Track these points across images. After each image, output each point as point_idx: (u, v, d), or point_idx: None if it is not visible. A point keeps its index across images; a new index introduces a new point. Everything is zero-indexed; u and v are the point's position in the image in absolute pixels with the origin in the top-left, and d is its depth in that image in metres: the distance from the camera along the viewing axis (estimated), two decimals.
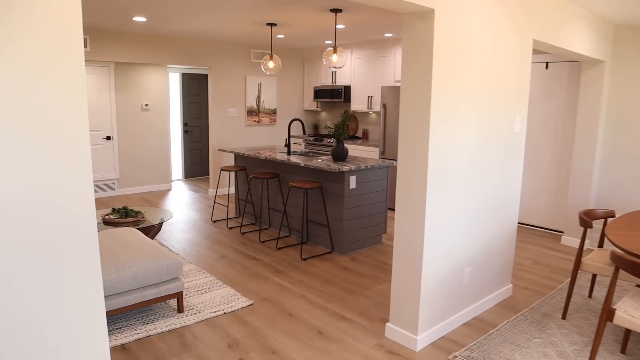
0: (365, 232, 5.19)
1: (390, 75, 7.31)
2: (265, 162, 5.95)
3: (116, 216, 4.96)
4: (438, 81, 2.84)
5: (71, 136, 1.54)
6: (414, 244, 3.04)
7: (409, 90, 2.94)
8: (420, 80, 2.85)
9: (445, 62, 2.86)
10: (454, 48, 2.91)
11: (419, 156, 2.93)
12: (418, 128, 2.91)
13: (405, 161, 3.03)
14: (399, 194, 3.09)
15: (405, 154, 3.02)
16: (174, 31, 6.70)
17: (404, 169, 3.04)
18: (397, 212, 3.13)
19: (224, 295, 3.91)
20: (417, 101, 2.89)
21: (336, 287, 4.15)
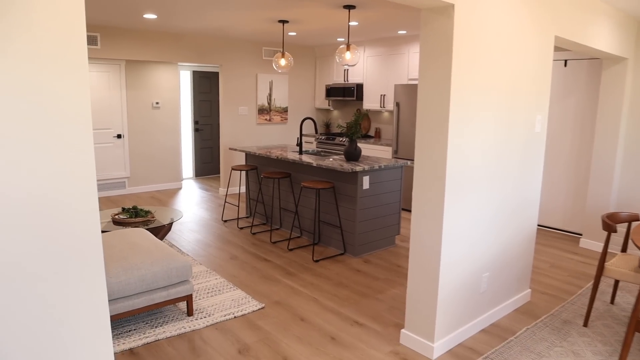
0: (378, 234, 5.08)
1: (403, 73, 7.18)
2: (277, 161, 5.86)
3: (126, 216, 4.91)
4: (457, 79, 2.72)
5: (74, 136, 1.46)
6: (431, 248, 2.93)
7: (427, 89, 2.83)
8: (439, 78, 2.74)
9: (465, 59, 2.75)
10: (474, 45, 2.79)
11: (437, 156, 2.82)
12: (436, 127, 2.80)
13: (422, 161, 2.92)
14: (416, 195, 2.99)
15: (422, 154, 2.91)
16: (185, 28, 6.63)
17: (421, 169, 2.94)
18: (414, 215, 3.02)
19: (234, 298, 3.83)
20: (436, 100, 2.78)
21: (349, 291, 4.05)
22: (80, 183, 1.52)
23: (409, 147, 6.74)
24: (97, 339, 1.71)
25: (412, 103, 6.62)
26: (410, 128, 6.68)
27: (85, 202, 1.57)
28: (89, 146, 1.47)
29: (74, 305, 1.63)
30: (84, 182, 1.51)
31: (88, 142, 1.47)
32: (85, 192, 1.54)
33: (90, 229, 1.61)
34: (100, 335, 1.72)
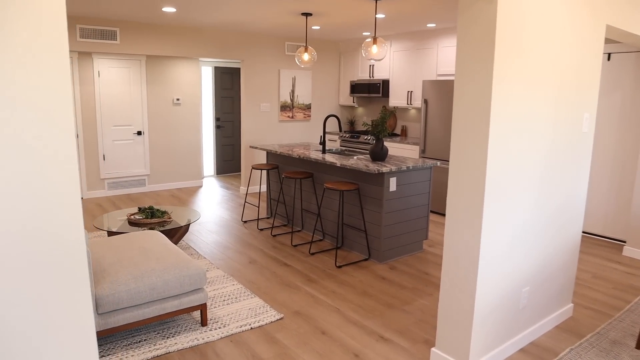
0: (405, 238, 4.79)
1: (432, 69, 6.85)
2: (299, 160, 5.62)
3: (142, 216, 4.73)
4: (500, 72, 2.42)
5: (54, 138, 1.24)
6: (467, 260, 2.64)
7: (465, 83, 2.53)
8: (479, 71, 2.44)
9: (508, 49, 2.44)
10: (519, 33, 2.49)
11: (476, 158, 2.52)
12: (475, 126, 2.50)
13: (458, 164, 2.63)
14: (450, 201, 2.70)
15: (458, 156, 2.62)
16: (205, 23, 6.43)
17: (457, 173, 2.64)
18: (448, 223, 2.73)
19: (251, 307, 3.60)
20: (475, 95, 2.48)
21: (374, 301, 3.78)
22: (63, 198, 1.30)
23: (438, 146, 6.41)
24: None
25: (441, 100, 6.29)
26: (439, 126, 6.35)
27: (69, 221, 1.34)
28: (71, 148, 1.24)
29: (58, 318, 1.41)
30: (67, 197, 1.29)
31: (69, 144, 1.24)
32: (67, 206, 1.31)
33: (73, 237, 1.38)
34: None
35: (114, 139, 7.35)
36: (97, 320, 2.87)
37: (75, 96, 6.93)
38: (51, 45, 1.18)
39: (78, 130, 7.03)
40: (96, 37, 6.12)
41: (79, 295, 1.44)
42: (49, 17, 1.17)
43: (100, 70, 7.05)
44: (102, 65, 7.07)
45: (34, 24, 1.17)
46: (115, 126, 7.33)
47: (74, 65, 6.85)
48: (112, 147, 7.34)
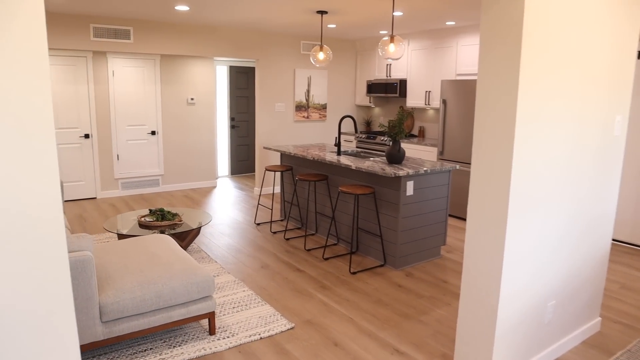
0: (422, 244, 4.62)
1: (451, 68, 6.65)
2: (313, 162, 5.48)
3: (152, 218, 4.64)
4: (527, 71, 2.25)
5: (31, 142, 1.12)
6: (489, 272, 2.47)
7: (488, 83, 2.36)
8: (504, 69, 2.27)
9: (535, 47, 2.27)
10: (547, 30, 2.31)
11: (500, 163, 2.35)
12: (499, 129, 2.34)
13: (480, 169, 2.46)
14: (472, 209, 2.53)
15: (481, 160, 2.46)
16: (219, 21, 6.33)
17: (479, 178, 2.48)
18: (469, 232, 2.57)
19: (262, 315, 3.47)
20: (500, 96, 2.32)
21: (389, 310, 3.62)
22: (42, 198, 1.18)
23: (456, 148, 6.22)
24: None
25: (461, 100, 6.10)
26: (458, 127, 6.16)
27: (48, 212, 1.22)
28: (52, 152, 1.12)
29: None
30: (46, 197, 1.17)
31: (50, 149, 1.12)
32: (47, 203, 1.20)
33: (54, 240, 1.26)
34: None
35: (128, 139, 7.30)
36: (101, 329, 2.77)
37: (89, 95, 6.89)
38: (27, 46, 1.07)
39: (92, 130, 6.99)
40: (110, 36, 6.07)
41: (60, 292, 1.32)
42: (23, 14, 1.06)
43: (114, 70, 7.01)
44: (117, 64, 7.02)
45: (3, 22, 1.06)
46: (130, 126, 7.28)
47: (88, 64, 6.81)
48: (126, 147, 7.30)
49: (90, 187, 7.12)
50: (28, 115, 1.08)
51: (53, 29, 5.74)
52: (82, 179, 7.04)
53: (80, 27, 5.88)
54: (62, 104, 6.73)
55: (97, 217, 6.13)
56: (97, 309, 2.73)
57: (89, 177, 7.09)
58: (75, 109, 6.83)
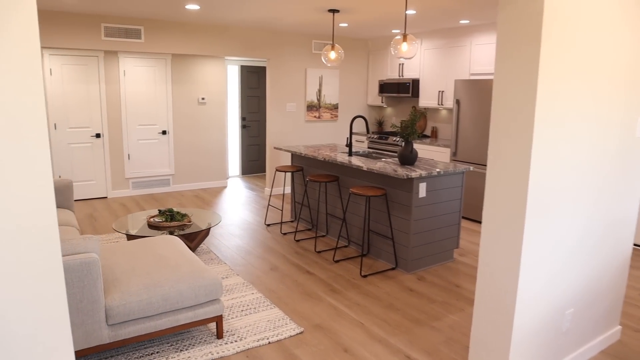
0: (434, 247, 4.53)
1: (464, 68, 6.54)
2: (324, 163, 5.41)
3: (161, 219, 4.61)
4: (546, 70, 2.16)
5: (22, 145, 1.06)
6: (505, 280, 2.38)
7: (505, 83, 2.28)
8: (523, 69, 2.18)
9: (555, 45, 2.17)
10: (567, 28, 2.21)
11: (518, 166, 2.26)
12: (517, 130, 2.25)
13: (497, 172, 2.37)
14: (487, 213, 2.44)
15: (497, 163, 2.37)
16: (230, 20, 6.29)
17: (495, 182, 2.39)
18: (484, 237, 2.48)
19: (270, 319, 3.41)
20: (517, 96, 2.23)
21: (400, 315, 3.54)
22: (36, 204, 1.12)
23: (470, 149, 6.11)
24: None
25: (474, 100, 5.98)
26: (472, 128, 6.05)
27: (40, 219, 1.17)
28: (45, 158, 1.07)
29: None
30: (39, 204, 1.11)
31: (43, 155, 1.06)
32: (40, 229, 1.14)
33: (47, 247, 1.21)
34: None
35: (139, 138, 7.29)
36: (107, 332, 2.72)
37: (100, 95, 6.89)
38: (18, 43, 1.01)
39: (103, 130, 6.99)
40: (121, 35, 6.05)
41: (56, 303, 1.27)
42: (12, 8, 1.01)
43: (125, 69, 7.00)
44: (128, 64, 7.01)
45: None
46: (140, 125, 7.27)
47: (99, 64, 6.81)
48: (137, 147, 7.29)
49: (101, 187, 7.12)
50: (19, 116, 1.02)
51: (64, 28, 5.73)
52: (93, 179, 7.05)
53: (92, 27, 5.87)
54: (73, 104, 6.73)
55: (108, 217, 6.12)
56: (103, 312, 2.68)
57: (100, 176, 7.09)
58: (87, 108, 6.84)
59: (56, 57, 6.54)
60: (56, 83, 6.59)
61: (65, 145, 6.79)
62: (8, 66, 0.99)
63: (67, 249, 2.60)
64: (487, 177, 2.43)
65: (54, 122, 6.66)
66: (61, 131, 6.72)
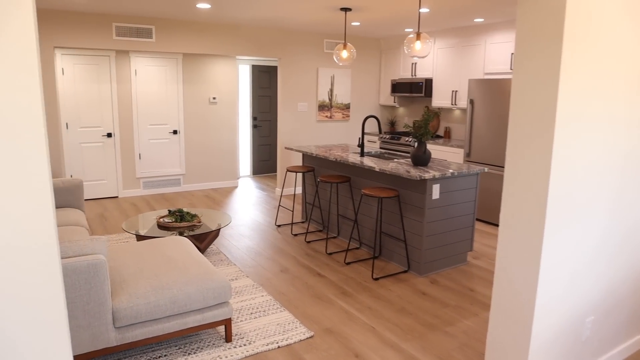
0: (448, 250, 4.44)
1: (479, 67, 6.43)
2: (335, 163, 5.34)
3: (171, 219, 4.57)
4: (568, 68, 2.07)
5: (16, 145, 1.01)
6: (523, 286, 2.30)
7: (524, 82, 2.19)
8: (543, 67, 2.09)
9: (578, 42, 2.08)
10: (591, 23, 2.12)
11: (538, 168, 2.18)
12: (537, 131, 2.16)
13: (515, 174, 2.29)
14: (505, 217, 2.36)
15: (516, 165, 2.28)
16: (241, 19, 6.24)
17: (513, 184, 2.30)
18: (502, 242, 2.39)
19: (280, 322, 3.35)
20: (537, 95, 2.14)
21: (412, 319, 3.46)
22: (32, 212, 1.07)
23: (484, 149, 6.00)
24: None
25: (489, 100, 5.87)
26: (486, 128, 5.94)
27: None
28: (43, 166, 1.01)
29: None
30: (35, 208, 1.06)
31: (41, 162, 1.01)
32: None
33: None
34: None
35: (150, 138, 7.28)
36: (114, 335, 2.68)
37: (112, 94, 6.89)
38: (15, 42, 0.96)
39: (114, 129, 6.99)
40: (132, 35, 6.03)
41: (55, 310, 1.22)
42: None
43: (137, 69, 6.99)
44: (139, 63, 7.00)
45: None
46: (151, 125, 7.26)
47: (111, 63, 6.80)
48: (148, 146, 7.27)
49: (112, 186, 7.12)
50: (11, 116, 0.97)
51: (76, 28, 5.73)
52: (105, 178, 7.05)
53: (103, 26, 5.86)
54: (85, 103, 6.74)
55: (118, 217, 6.10)
56: (110, 314, 2.64)
57: (111, 176, 7.09)
58: (98, 108, 6.84)
59: (68, 56, 6.54)
60: (68, 83, 6.59)
61: (77, 144, 6.79)
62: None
63: (75, 250, 2.56)
64: (505, 180, 2.34)
65: (66, 121, 6.67)
66: (73, 131, 6.73)
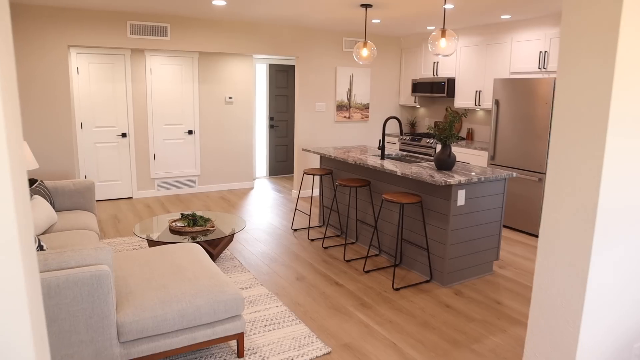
0: (472, 259, 4.20)
1: (504, 66, 6.16)
2: (354, 166, 5.13)
3: (183, 224, 4.41)
4: (624, 66, 1.83)
5: None
6: (566, 308, 2.07)
7: (571, 81, 1.96)
8: (594, 64, 1.86)
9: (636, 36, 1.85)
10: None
11: (586, 177, 1.94)
12: (586, 136, 1.93)
13: (560, 184, 2.06)
14: (547, 231, 2.13)
15: (560, 173, 2.05)
16: (258, 17, 6.07)
17: (558, 195, 2.07)
18: (541, 259, 2.16)
19: (295, 336, 3.15)
20: (587, 96, 1.91)
21: (436, 335, 3.23)
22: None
23: (510, 152, 5.73)
24: None
25: (515, 101, 5.60)
26: (512, 130, 5.67)
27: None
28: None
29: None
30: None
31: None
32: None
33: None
34: None
35: (165, 138, 7.15)
36: (118, 350, 2.51)
37: (127, 94, 6.78)
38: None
39: (129, 129, 6.88)
40: (146, 33, 5.90)
41: None
42: None
43: (152, 68, 6.87)
44: (154, 62, 6.88)
45: None
46: (166, 125, 7.13)
47: (126, 62, 6.69)
48: (163, 147, 7.15)
49: (127, 187, 7.01)
50: None
51: (90, 26, 5.62)
52: (119, 179, 6.94)
53: (117, 24, 5.74)
54: (99, 103, 6.64)
55: (131, 218, 5.98)
56: (114, 329, 2.48)
57: (126, 176, 6.98)
58: (113, 107, 6.73)
59: (83, 55, 6.45)
60: (83, 82, 6.50)
61: (91, 144, 6.69)
62: None
63: (77, 260, 2.40)
64: (547, 189, 2.11)
65: (80, 121, 6.57)
66: (87, 130, 6.63)
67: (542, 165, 5.36)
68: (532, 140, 5.44)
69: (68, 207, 4.50)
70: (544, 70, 5.63)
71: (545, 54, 5.59)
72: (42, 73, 5.52)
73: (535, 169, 5.45)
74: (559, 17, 5.40)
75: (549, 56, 5.57)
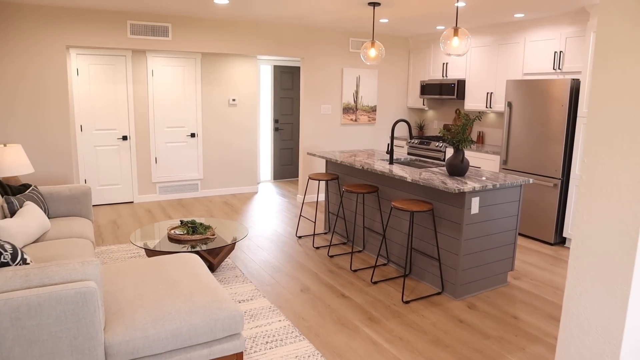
0: (486, 270, 3.98)
1: (517, 67, 5.93)
2: (362, 171, 4.92)
3: (182, 231, 4.22)
4: None
5: None
6: (603, 338, 1.85)
7: (609, 82, 1.74)
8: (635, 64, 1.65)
9: None
10: None
11: (625, 188, 1.73)
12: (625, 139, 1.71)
13: (594, 192, 1.84)
14: (577, 245, 1.91)
15: (594, 182, 1.83)
16: (262, 17, 5.87)
17: (592, 205, 1.86)
18: (572, 279, 1.95)
19: (299, 355, 2.95)
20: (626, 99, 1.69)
21: (450, 354, 3.01)
22: None
23: (523, 156, 5.50)
24: None
25: (529, 103, 5.37)
26: (525, 134, 5.44)
27: None
28: None
29: None
30: None
31: None
32: None
33: None
34: None
35: (167, 141, 6.98)
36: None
37: (128, 96, 6.61)
38: None
39: (130, 132, 6.70)
40: (147, 33, 5.73)
41: None
42: None
43: (154, 69, 6.70)
44: (156, 64, 6.71)
45: None
46: (169, 127, 6.96)
47: (127, 63, 6.52)
48: (165, 150, 6.98)
49: (127, 191, 6.84)
50: None
51: (89, 26, 5.45)
52: (119, 183, 6.77)
53: (117, 24, 5.57)
54: (100, 105, 6.47)
55: (131, 224, 5.80)
56: (101, 350, 2.28)
57: (126, 180, 6.81)
58: (114, 109, 6.56)
59: (83, 56, 6.29)
60: (83, 84, 6.33)
61: (91, 147, 6.53)
62: None
63: (62, 275, 2.21)
64: (580, 200, 1.90)
65: (80, 123, 6.41)
66: (87, 133, 6.47)
67: (558, 170, 5.13)
68: (547, 144, 5.21)
69: (63, 214, 4.32)
70: (559, 71, 5.40)
71: (561, 54, 5.36)
72: (38, 73, 5.35)
73: (550, 174, 5.22)
74: (575, 16, 5.17)
75: (564, 56, 5.34)
